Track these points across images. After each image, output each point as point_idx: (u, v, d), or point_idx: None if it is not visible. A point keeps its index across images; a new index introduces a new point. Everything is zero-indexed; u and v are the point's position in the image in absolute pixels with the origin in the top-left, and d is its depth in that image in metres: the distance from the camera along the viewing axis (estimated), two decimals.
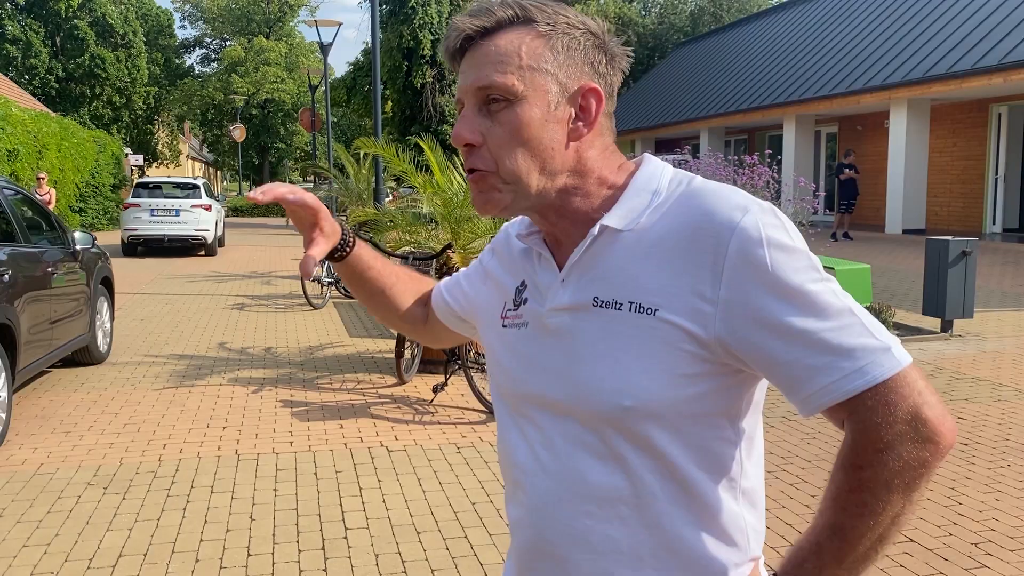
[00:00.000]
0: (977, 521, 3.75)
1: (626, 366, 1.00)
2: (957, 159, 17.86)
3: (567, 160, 1.04)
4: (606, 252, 1.04)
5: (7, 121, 16.84)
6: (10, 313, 5.02)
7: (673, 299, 0.98)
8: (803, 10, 25.31)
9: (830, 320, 0.94)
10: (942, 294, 7.61)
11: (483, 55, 1.03)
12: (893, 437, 0.93)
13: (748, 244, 0.95)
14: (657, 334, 0.98)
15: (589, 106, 1.04)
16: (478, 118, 1.04)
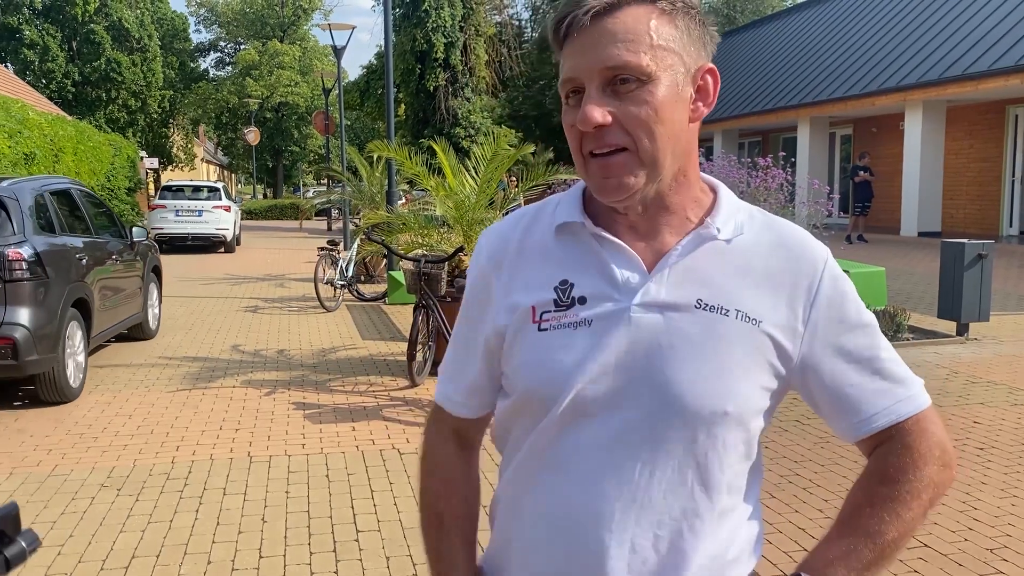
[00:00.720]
0: (992, 526, 3.71)
1: (731, 371, 1.01)
2: (973, 161, 17.73)
3: (688, 142, 1.04)
4: (708, 257, 1.05)
5: (24, 125, 16.98)
6: (87, 290, 6.40)
7: (774, 314, 1.04)
8: (817, 12, 25.20)
9: (887, 351, 1.10)
10: (958, 297, 7.54)
11: (608, 33, 0.98)
12: (929, 459, 1.07)
13: (835, 277, 1.07)
14: (758, 345, 1.03)
15: (707, 86, 1.04)
16: (604, 99, 0.98)
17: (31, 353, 5.53)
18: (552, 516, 1.06)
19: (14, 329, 5.48)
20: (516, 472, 1.12)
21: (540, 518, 1.07)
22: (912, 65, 17.32)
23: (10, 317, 5.49)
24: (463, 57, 28.48)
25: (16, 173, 16.38)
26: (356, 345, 8.04)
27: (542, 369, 1.05)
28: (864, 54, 19.64)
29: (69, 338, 6.02)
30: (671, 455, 1.02)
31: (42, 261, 5.76)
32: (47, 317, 5.72)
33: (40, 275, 5.71)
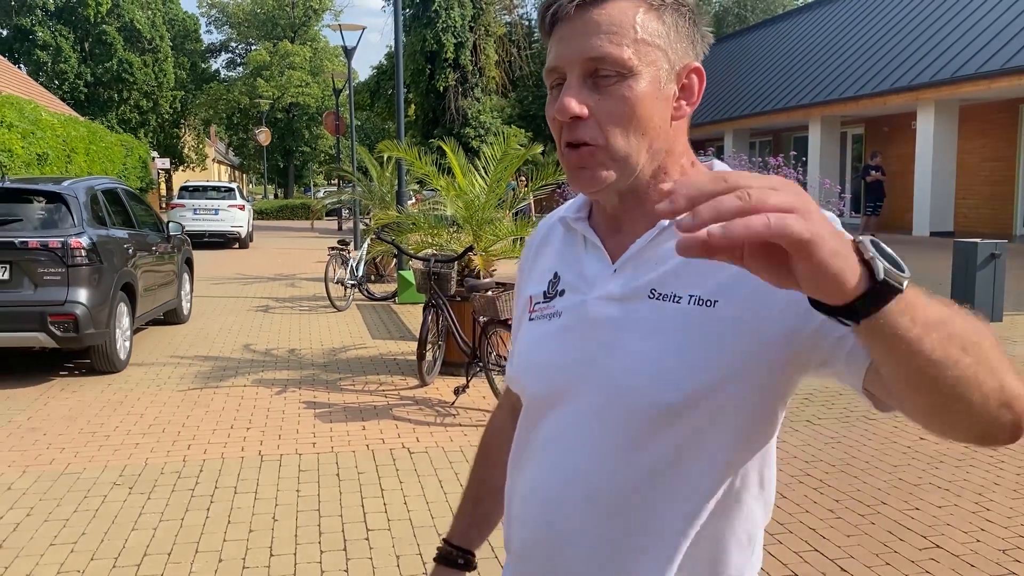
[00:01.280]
0: (1005, 527, 3.69)
1: (680, 358, 0.96)
2: (986, 160, 17.63)
3: (667, 140, 1.02)
4: (669, 245, 0.99)
5: (37, 126, 17.09)
6: (132, 276, 7.30)
7: (732, 293, 0.95)
8: (829, 11, 25.10)
9: None
10: (970, 297, 7.50)
11: (592, 23, 0.97)
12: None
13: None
14: (718, 327, 0.95)
15: (692, 85, 1.02)
16: (583, 90, 0.97)
17: (88, 327, 6.42)
18: (527, 502, 1.10)
19: (75, 307, 6.34)
20: (511, 456, 1.17)
21: (522, 501, 1.11)
22: (924, 64, 17.23)
23: (71, 296, 6.35)
24: (473, 57, 28.51)
25: (29, 173, 16.51)
26: (366, 344, 8.06)
27: (522, 358, 1.13)
28: (876, 53, 19.55)
29: (118, 317, 6.92)
30: (624, 447, 0.99)
31: (97, 250, 6.64)
32: (101, 298, 6.59)
33: (95, 262, 6.58)
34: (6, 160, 14.83)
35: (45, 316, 6.29)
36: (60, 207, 6.71)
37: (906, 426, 5.16)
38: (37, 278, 6.35)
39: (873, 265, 0.66)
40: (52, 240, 6.39)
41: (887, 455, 4.66)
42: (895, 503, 3.98)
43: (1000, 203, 17.31)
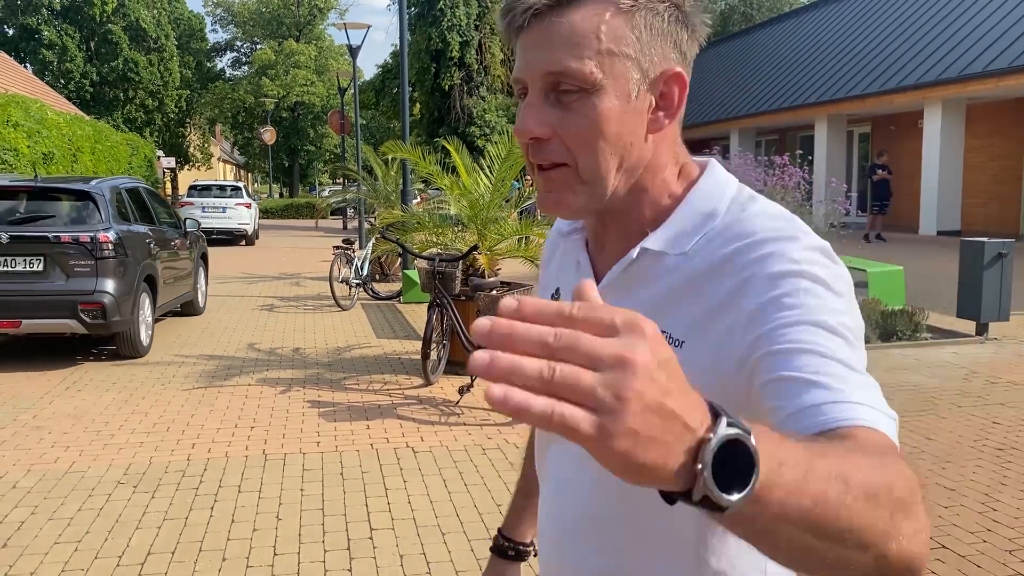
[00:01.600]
0: (1012, 527, 3.67)
1: None
2: (993, 159, 17.55)
3: (644, 155, 0.92)
4: (647, 274, 0.94)
5: (43, 125, 17.13)
6: (153, 268, 7.87)
7: (702, 332, 0.88)
8: (835, 9, 25.02)
9: (849, 362, 0.79)
10: (977, 296, 7.47)
11: (553, 33, 0.87)
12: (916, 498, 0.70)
13: (771, 265, 0.85)
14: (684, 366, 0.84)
15: (671, 93, 0.91)
16: (545, 107, 0.89)
17: (115, 315, 6.97)
18: (543, 530, 1.10)
19: (103, 296, 6.90)
20: (538, 469, 1.17)
21: (540, 527, 1.11)
22: (931, 62, 17.17)
23: (100, 286, 6.91)
24: (478, 56, 28.49)
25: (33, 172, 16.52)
26: (371, 344, 8.06)
27: None
28: (883, 51, 19.49)
29: (141, 306, 7.48)
30: (593, 483, 0.97)
31: (122, 244, 7.19)
32: (126, 288, 7.16)
33: (121, 255, 7.16)
34: (12, 159, 14.85)
35: (76, 304, 6.84)
36: (88, 204, 7.27)
37: (912, 426, 5.14)
38: (68, 269, 6.91)
39: (697, 480, 0.55)
40: (82, 235, 6.95)
41: None
42: None
43: (1007, 202, 17.23)
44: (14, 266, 6.85)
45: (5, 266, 6.86)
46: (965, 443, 4.82)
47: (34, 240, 6.90)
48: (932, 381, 6.24)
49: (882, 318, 7.71)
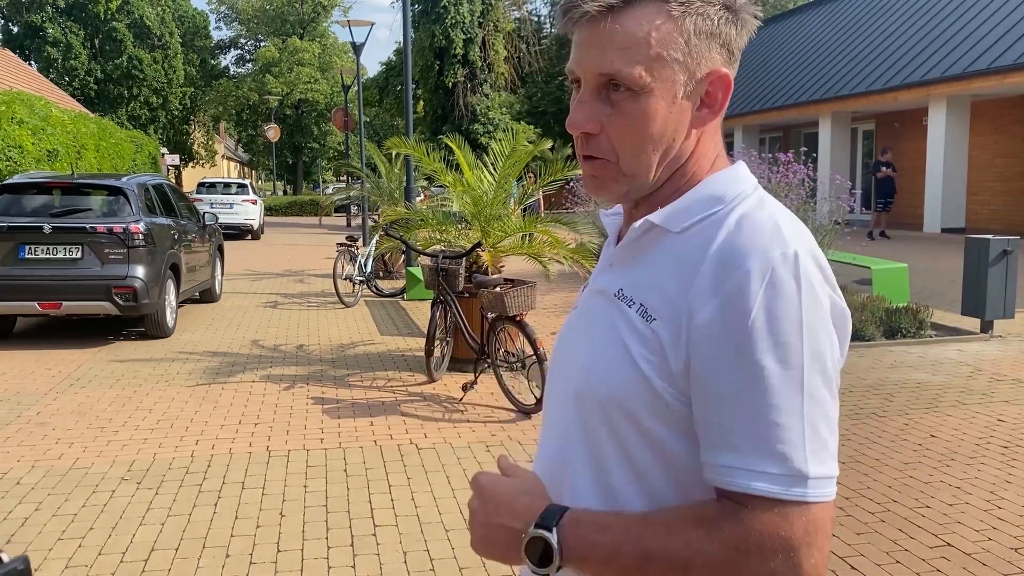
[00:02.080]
0: (1017, 526, 3.66)
1: (615, 359, 0.96)
2: (998, 156, 17.49)
3: (687, 147, 0.99)
4: (650, 247, 1.00)
5: (47, 122, 17.15)
6: (177, 257, 8.65)
7: (671, 315, 0.92)
8: (840, 6, 24.96)
9: (774, 410, 0.86)
10: (982, 294, 7.45)
11: (607, 36, 0.94)
12: (754, 553, 0.85)
13: (746, 291, 0.88)
14: (648, 342, 0.94)
15: (716, 92, 0.98)
16: (596, 103, 0.96)
17: (145, 298, 7.71)
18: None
19: (134, 281, 7.64)
20: None
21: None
22: (936, 59, 17.11)
23: (131, 272, 7.66)
24: (482, 53, 28.47)
25: (40, 169, 16.57)
26: (374, 341, 8.06)
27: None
28: (887, 48, 19.43)
29: (167, 291, 8.24)
30: (576, 440, 1.01)
31: (151, 234, 7.92)
32: (154, 274, 7.88)
33: (150, 244, 7.88)
34: (16, 156, 14.87)
35: (110, 288, 7.57)
36: (120, 198, 8.02)
37: (916, 424, 5.13)
38: (103, 257, 7.64)
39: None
40: (116, 225, 7.69)
41: (897, 453, 4.62)
42: (905, 501, 3.95)
43: (1012, 199, 17.17)
44: (55, 254, 7.62)
45: (47, 253, 7.62)
46: (970, 441, 4.81)
47: (73, 230, 7.64)
48: (936, 378, 6.23)
49: (886, 315, 7.69)
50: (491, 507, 0.96)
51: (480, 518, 0.97)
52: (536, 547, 0.91)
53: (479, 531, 0.97)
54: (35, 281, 7.54)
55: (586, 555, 0.91)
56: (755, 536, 0.85)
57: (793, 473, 0.86)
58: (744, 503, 0.87)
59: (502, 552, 0.96)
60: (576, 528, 0.91)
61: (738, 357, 0.87)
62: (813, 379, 0.88)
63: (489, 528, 0.96)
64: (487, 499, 0.97)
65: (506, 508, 0.95)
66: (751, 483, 0.86)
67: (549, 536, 0.91)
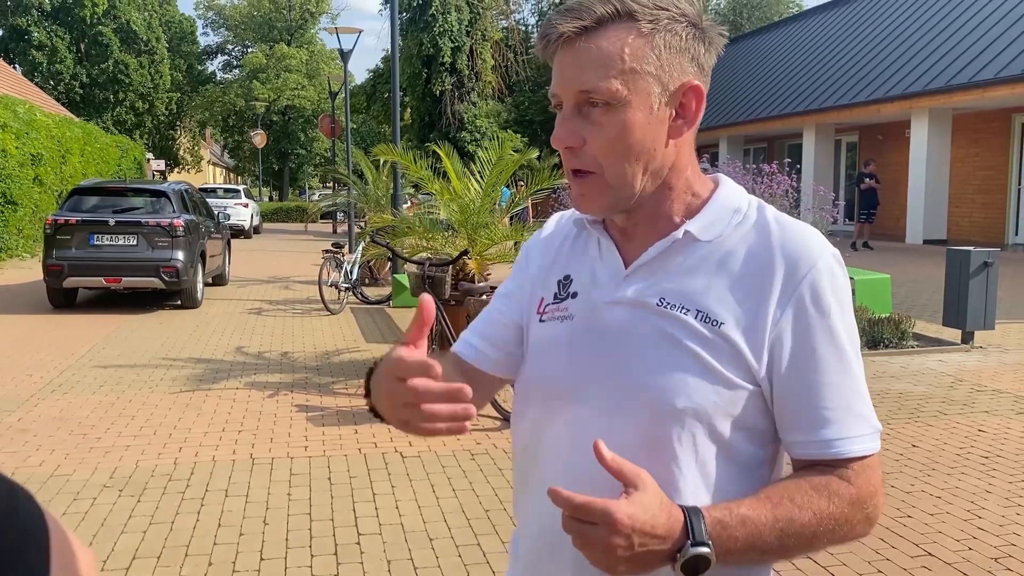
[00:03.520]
0: (997, 535, 3.69)
1: (683, 368, 1.01)
2: (979, 169, 17.69)
3: (667, 158, 1.05)
4: (681, 257, 1.05)
5: (31, 126, 17.03)
6: (204, 246, 10.92)
7: (739, 317, 1.01)
8: (823, 19, 25.19)
9: (854, 382, 1.02)
10: (963, 305, 7.52)
11: (583, 55, 1.00)
12: (860, 504, 1.01)
13: (820, 286, 1.01)
14: (717, 347, 1.00)
15: (689, 103, 1.04)
16: (577, 119, 1.02)
17: (184, 276, 9.98)
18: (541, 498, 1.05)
19: (177, 262, 9.89)
20: (516, 463, 1.20)
21: (534, 495, 1.11)
22: (918, 73, 17.30)
23: (174, 256, 9.92)
24: (469, 62, 28.52)
25: (23, 173, 16.45)
26: (360, 348, 8.04)
27: (535, 361, 1.14)
28: (870, 61, 19.63)
29: (198, 271, 10.50)
30: (634, 448, 1.00)
31: (188, 227, 10.17)
32: (190, 258, 10.14)
33: (188, 235, 10.11)
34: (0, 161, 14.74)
35: (159, 268, 9.82)
36: (163, 199, 10.38)
37: (898, 434, 5.17)
38: (153, 244, 9.90)
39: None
40: (163, 220, 9.97)
41: None
42: (887, 510, 3.98)
43: (993, 212, 17.37)
44: (117, 241, 9.90)
45: (111, 241, 9.88)
46: (951, 451, 4.85)
47: (131, 223, 9.93)
48: (918, 389, 6.28)
49: (869, 326, 7.75)
50: (637, 539, 0.89)
51: (623, 552, 0.89)
52: (694, 563, 0.93)
53: (624, 565, 0.91)
54: (102, 262, 9.78)
55: (732, 550, 0.95)
56: (863, 489, 1.01)
57: (874, 430, 1.03)
58: (845, 465, 1.01)
59: (647, 570, 0.94)
60: (722, 531, 0.95)
61: (828, 344, 1.01)
62: (859, 354, 1.05)
63: (638, 560, 0.91)
64: (630, 533, 0.89)
65: (650, 535, 0.90)
66: (851, 447, 1.00)
67: (706, 551, 0.93)
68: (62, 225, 9.83)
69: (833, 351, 1.01)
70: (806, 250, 1.02)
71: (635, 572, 0.93)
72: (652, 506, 0.91)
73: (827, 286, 1.01)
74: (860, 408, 1.01)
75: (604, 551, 0.89)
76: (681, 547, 0.92)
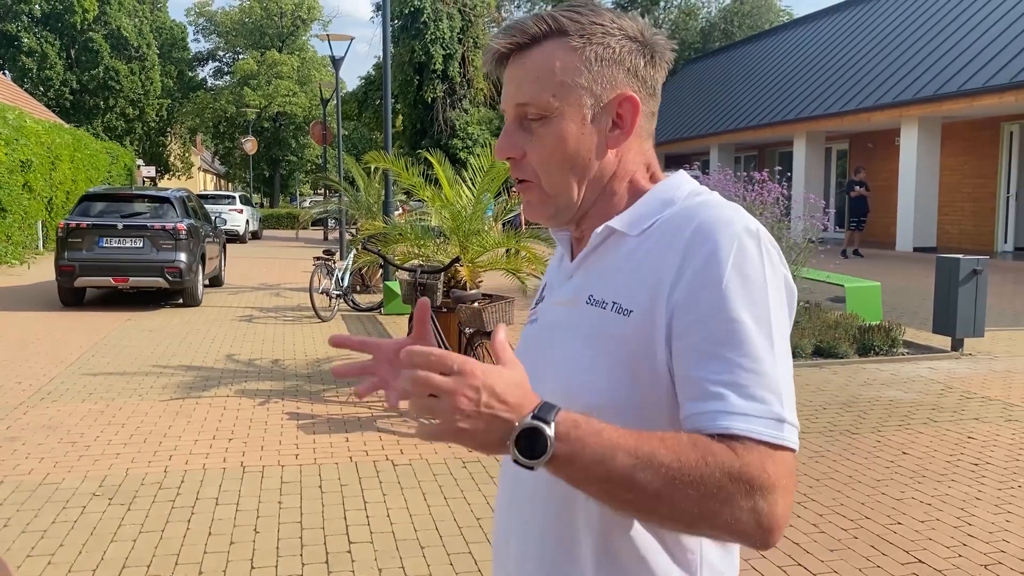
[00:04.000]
0: (987, 542, 3.71)
1: (598, 364, 1.01)
2: (968, 177, 17.81)
3: (606, 167, 1.07)
4: (610, 254, 1.06)
5: (21, 132, 16.96)
6: (203, 249, 11.56)
7: (644, 302, 1.00)
8: (814, 27, 25.34)
9: (752, 362, 0.93)
10: (952, 312, 7.56)
11: (520, 71, 1.06)
12: (744, 484, 0.89)
13: (717, 258, 0.96)
14: (628, 337, 1.00)
15: (625, 114, 1.06)
16: (518, 132, 1.07)
17: (187, 276, 10.77)
18: (498, 500, 1.19)
19: (180, 263, 10.67)
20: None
21: (497, 497, 1.20)
22: (908, 81, 17.41)
23: (177, 257, 10.70)
24: (461, 69, 28.57)
25: (13, 180, 16.36)
26: (351, 356, 8.01)
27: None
28: (860, 70, 19.75)
29: (199, 272, 11.17)
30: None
31: (190, 230, 10.93)
32: (192, 259, 10.89)
33: (190, 238, 10.88)
34: None
35: (163, 268, 10.59)
36: (166, 204, 11.18)
37: (888, 441, 5.19)
38: (158, 246, 10.66)
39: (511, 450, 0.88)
40: (167, 224, 10.75)
41: (870, 469, 4.67)
42: (878, 518, 3.99)
43: (982, 219, 17.48)
44: (124, 243, 10.64)
45: (119, 243, 10.63)
46: (940, 458, 4.87)
47: (137, 227, 10.70)
48: (908, 396, 6.31)
49: (859, 333, 7.78)
50: (485, 397, 0.86)
51: (467, 405, 0.86)
52: (528, 439, 0.87)
53: (462, 420, 0.87)
54: (110, 263, 10.52)
55: (578, 454, 0.88)
56: (748, 469, 0.90)
57: (773, 417, 0.92)
58: (734, 440, 0.91)
59: (482, 441, 0.89)
60: (573, 427, 0.89)
61: (717, 316, 0.94)
62: (781, 339, 0.96)
63: (479, 420, 0.87)
64: (480, 387, 0.86)
65: (499, 399, 0.87)
66: (736, 423, 0.91)
67: (545, 428, 0.87)
68: (74, 229, 10.56)
69: (723, 324, 0.94)
70: (712, 225, 0.98)
71: (471, 436, 0.88)
72: (511, 379, 0.89)
73: (726, 258, 0.95)
74: (754, 389, 0.92)
75: (450, 402, 0.85)
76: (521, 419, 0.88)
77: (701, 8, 42.53)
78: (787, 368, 0.96)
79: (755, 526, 0.89)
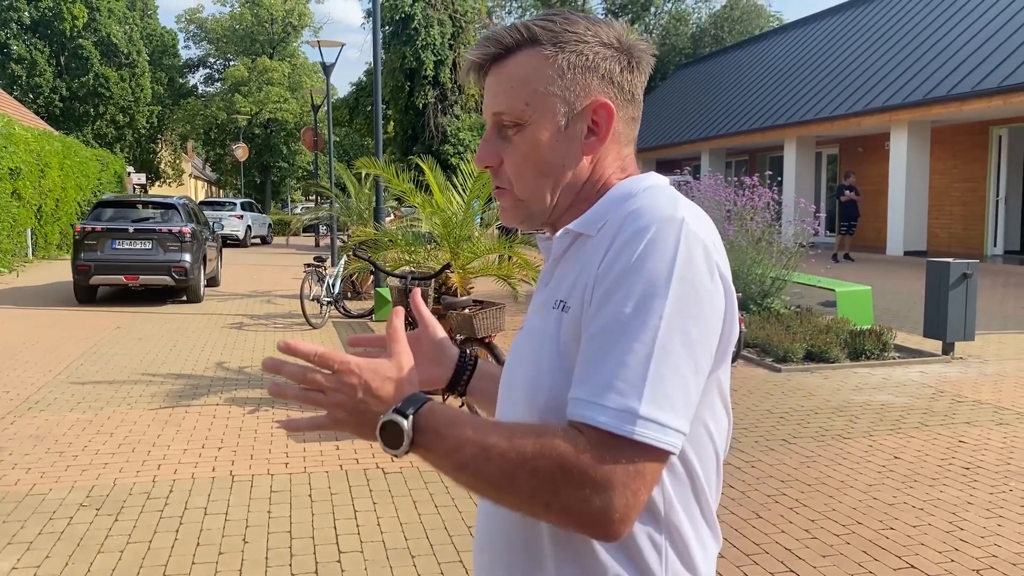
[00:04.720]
0: (979, 547, 3.70)
1: (545, 365, 1.02)
2: (958, 181, 17.89)
3: (581, 173, 1.08)
4: (575, 255, 1.05)
5: (10, 140, 16.88)
6: (204, 251, 12.73)
7: (577, 297, 1.00)
8: (804, 32, 25.46)
9: (620, 349, 0.91)
10: (943, 316, 7.58)
11: (496, 81, 1.07)
12: (577, 475, 0.88)
13: (631, 244, 0.94)
14: (569, 334, 1.00)
15: (600, 120, 1.06)
16: (496, 140, 1.09)
17: (192, 275, 11.97)
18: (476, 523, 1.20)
19: (185, 263, 11.83)
20: None
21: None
22: (897, 86, 17.49)
23: (183, 258, 11.88)
24: (452, 75, 28.58)
25: (1, 187, 16.28)
26: None
27: None
28: (850, 75, 19.83)
29: (201, 272, 12.36)
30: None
31: (194, 234, 12.17)
32: (195, 260, 12.08)
33: (193, 240, 12.09)
34: None
35: (170, 267, 11.80)
36: (172, 210, 12.47)
37: (880, 445, 5.19)
38: (166, 248, 11.86)
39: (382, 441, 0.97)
40: (174, 228, 11.95)
41: (862, 474, 4.67)
42: (870, 522, 3.98)
43: (972, 223, 17.55)
44: (135, 245, 11.82)
45: (131, 245, 11.80)
46: (932, 462, 4.87)
47: (147, 230, 11.88)
48: (899, 400, 6.31)
49: (850, 337, 7.79)
50: (361, 392, 0.99)
51: (343, 401, 0.99)
52: (390, 430, 0.96)
53: (339, 413, 1.00)
54: (122, 263, 11.69)
55: (432, 445, 0.95)
56: (580, 461, 0.88)
57: (624, 409, 0.89)
58: (582, 431, 0.91)
59: (359, 432, 1.01)
60: (430, 418, 0.96)
61: (605, 301, 0.94)
62: (671, 335, 0.91)
63: (355, 412, 0.99)
64: (356, 385, 0.99)
65: (374, 395, 0.99)
66: (585, 412, 0.91)
67: (402, 421, 0.95)
68: (89, 232, 11.74)
69: (615, 311, 0.92)
70: (637, 214, 0.97)
71: (350, 427, 1.01)
72: (385, 375, 1.00)
73: (640, 245, 0.93)
74: (614, 380, 0.90)
75: (334, 395, 0.99)
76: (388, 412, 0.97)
77: (692, 14, 42.72)
78: (672, 364, 0.90)
79: (591, 517, 0.89)
